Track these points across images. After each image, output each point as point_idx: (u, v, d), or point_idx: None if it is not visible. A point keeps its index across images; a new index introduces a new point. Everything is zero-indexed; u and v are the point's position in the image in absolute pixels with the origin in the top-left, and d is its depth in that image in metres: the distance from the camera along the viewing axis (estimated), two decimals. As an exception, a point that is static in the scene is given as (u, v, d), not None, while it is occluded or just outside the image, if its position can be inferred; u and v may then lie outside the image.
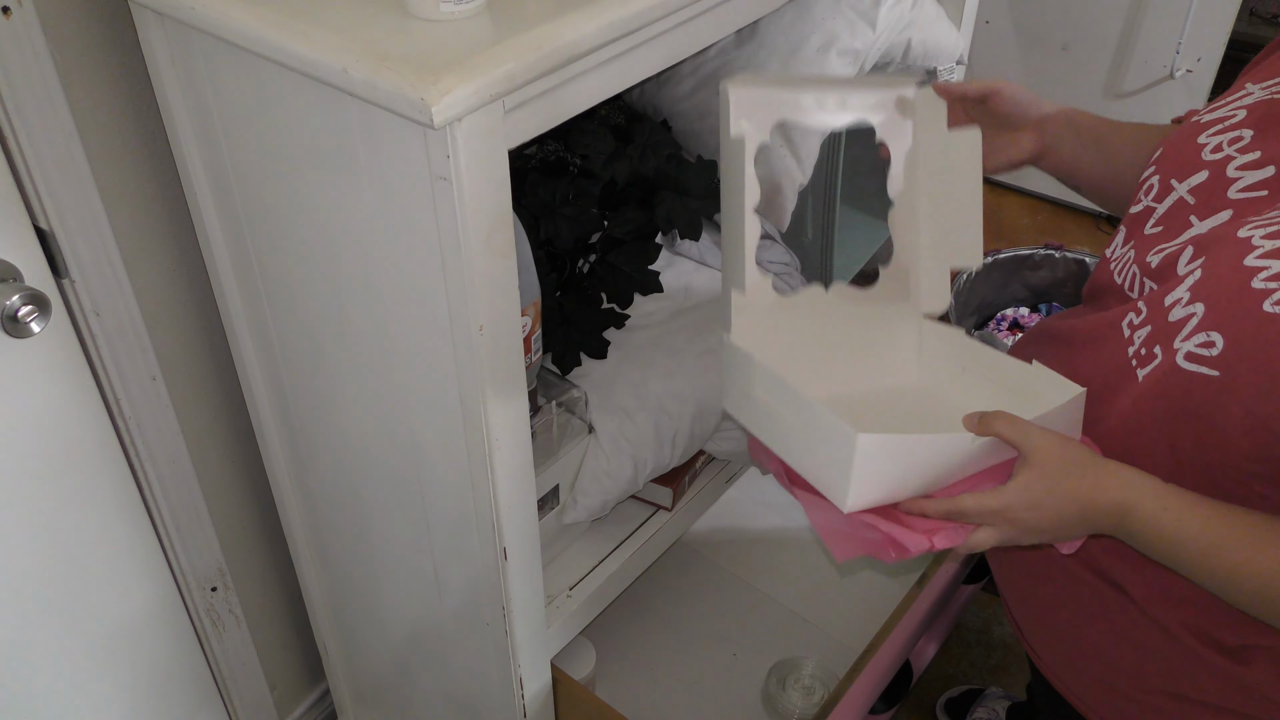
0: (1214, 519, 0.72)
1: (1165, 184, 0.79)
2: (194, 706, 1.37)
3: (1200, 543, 0.72)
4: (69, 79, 0.93)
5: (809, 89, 0.96)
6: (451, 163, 0.72)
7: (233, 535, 1.33)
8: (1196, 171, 0.77)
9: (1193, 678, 0.83)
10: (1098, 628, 0.88)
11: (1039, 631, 0.97)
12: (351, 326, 0.95)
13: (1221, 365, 0.69)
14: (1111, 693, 0.90)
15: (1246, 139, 0.75)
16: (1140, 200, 0.82)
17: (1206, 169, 0.76)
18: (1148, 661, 0.85)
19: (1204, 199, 0.76)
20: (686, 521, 1.31)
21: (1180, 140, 0.80)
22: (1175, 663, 0.83)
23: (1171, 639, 0.82)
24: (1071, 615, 0.90)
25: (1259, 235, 0.69)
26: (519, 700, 1.14)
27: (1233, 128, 0.76)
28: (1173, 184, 0.78)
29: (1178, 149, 0.80)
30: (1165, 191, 0.79)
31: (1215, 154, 0.76)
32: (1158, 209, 0.79)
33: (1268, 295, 0.66)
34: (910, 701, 1.73)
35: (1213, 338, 0.69)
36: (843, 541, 0.80)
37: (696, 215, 1.19)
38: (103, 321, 1.03)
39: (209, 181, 0.98)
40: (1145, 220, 0.81)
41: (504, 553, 0.98)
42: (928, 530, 0.77)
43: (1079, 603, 0.88)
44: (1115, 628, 0.86)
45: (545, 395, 1.11)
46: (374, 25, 0.74)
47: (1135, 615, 0.84)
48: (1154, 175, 0.81)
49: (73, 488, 1.08)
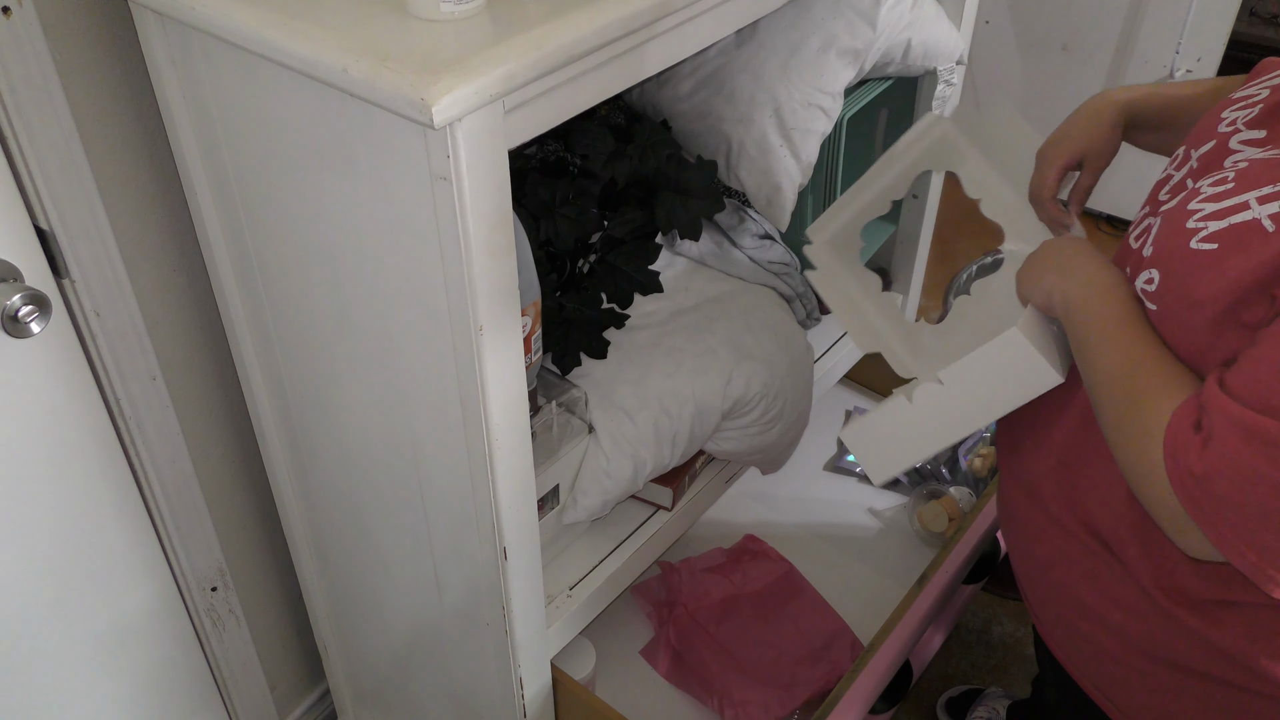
0: (1131, 335, 0.77)
1: (1186, 153, 0.83)
2: (194, 706, 1.37)
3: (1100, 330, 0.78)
4: (69, 79, 0.93)
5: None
6: (451, 163, 0.72)
7: (233, 535, 1.33)
8: (1208, 141, 0.80)
9: (1169, 641, 0.85)
10: (1088, 587, 0.90)
11: (1038, 593, 0.99)
12: (351, 326, 0.95)
13: (1157, 299, 0.75)
14: (1100, 655, 0.92)
15: (1255, 113, 0.77)
16: (1168, 169, 0.85)
17: (1215, 139, 0.79)
18: (1130, 622, 0.87)
19: (1203, 165, 0.79)
20: (686, 521, 1.31)
21: (1211, 113, 0.83)
22: (1154, 625, 0.85)
23: (1149, 600, 0.84)
24: (1065, 574, 0.92)
25: (1206, 184, 0.75)
26: (519, 700, 1.14)
27: (1253, 104, 0.79)
28: (1191, 153, 0.82)
29: (1205, 121, 0.83)
30: (1185, 160, 0.82)
31: (1229, 126, 0.79)
32: (1175, 176, 0.83)
33: (1194, 234, 0.72)
34: (910, 701, 1.73)
35: (1152, 274, 0.76)
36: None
37: (696, 215, 1.19)
38: (103, 321, 1.03)
39: (209, 181, 0.98)
40: (1163, 187, 0.84)
41: (504, 553, 0.98)
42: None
43: (1071, 561, 0.91)
44: (1102, 587, 0.88)
45: (545, 395, 1.11)
46: (374, 25, 0.74)
47: (1120, 574, 0.86)
48: (1183, 145, 0.84)
49: (73, 488, 1.08)
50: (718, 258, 1.31)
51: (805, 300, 1.36)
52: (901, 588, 1.58)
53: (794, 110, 1.20)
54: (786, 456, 1.37)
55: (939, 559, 1.46)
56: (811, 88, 1.20)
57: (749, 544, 1.66)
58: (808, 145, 1.23)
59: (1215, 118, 0.81)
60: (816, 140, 1.23)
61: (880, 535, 1.70)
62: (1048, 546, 0.93)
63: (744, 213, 1.31)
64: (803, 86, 1.20)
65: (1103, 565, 0.87)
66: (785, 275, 1.33)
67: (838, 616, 1.55)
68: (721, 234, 1.32)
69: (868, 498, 1.76)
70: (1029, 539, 0.96)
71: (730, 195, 1.32)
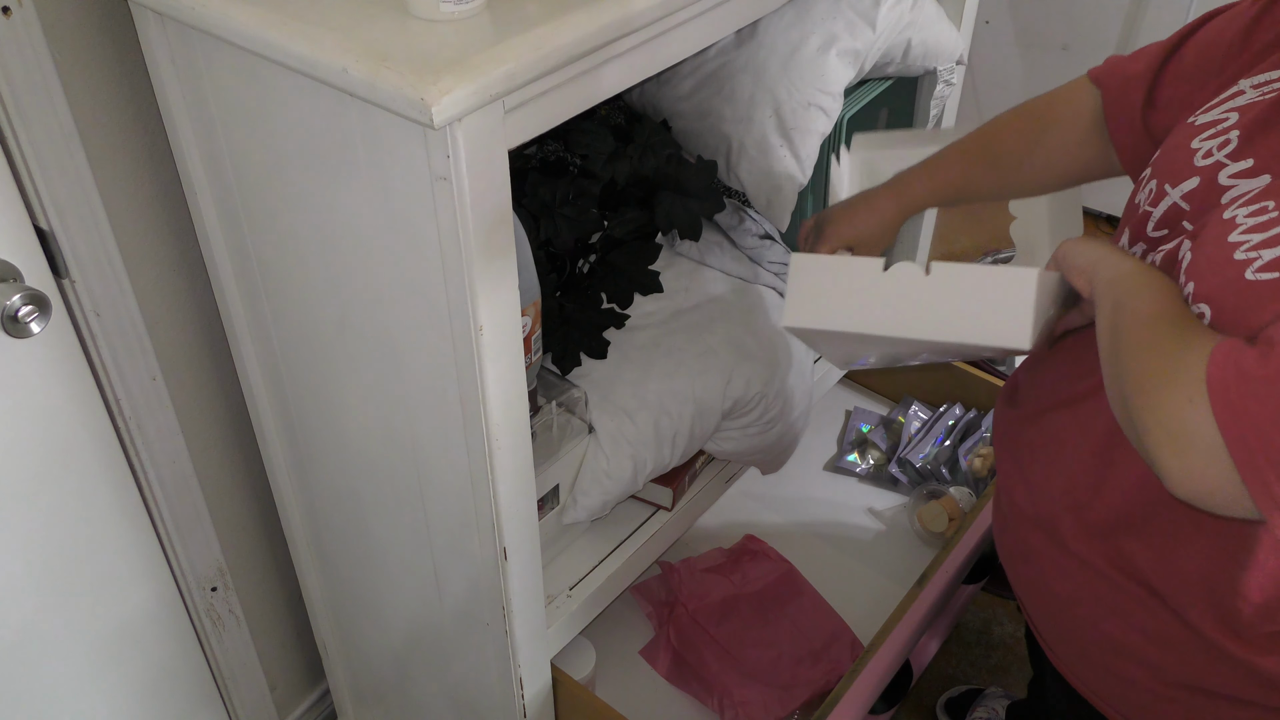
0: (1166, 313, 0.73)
1: (1160, 189, 0.80)
2: (194, 706, 1.37)
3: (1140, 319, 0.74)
4: (69, 79, 0.93)
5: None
6: (451, 163, 0.72)
7: (233, 535, 1.33)
8: (1189, 178, 0.77)
9: (1212, 670, 0.84)
10: (1117, 623, 0.88)
11: (1055, 629, 0.97)
12: (351, 326, 0.95)
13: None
14: (1129, 687, 0.90)
15: (1234, 143, 0.75)
16: (1139, 204, 0.83)
17: (1198, 175, 0.77)
18: (1167, 654, 0.86)
19: (1198, 205, 0.76)
20: (686, 521, 1.31)
21: (1175, 143, 0.81)
22: (1194, 656, 0.84)
23: (1193, 632, 0.83)
24: (1090, 611, 0.90)
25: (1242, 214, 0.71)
26: (519, 700, 1.14)
27: (1223, 132, 0.76)
28: (1166, 189, 0.79)
29: (1172, 153, 0.80)
30: (1160, 196, 0.80)
31: (1206, 159, 0.77)
32: (1154, 213, 0.80)
33: (1248, 265, 0.68)
34: (910, 701, 1.73)
35: (1202, 309, 0.71)
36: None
37: (696, 215, 1.19)
38: (103, 321, 1.03)
39: (209, 181, 0.98)
40: (1146, 223, 0.81)
41: (504, 553, 0.98)
42: None
43: (1097, 599, 0.89)
44: (1136, 624, 0.87)
45: (545, 395, 1.11)
46: (374, 25, 0.74)
47: (1157, 608, 0.84)
48: (1151, 179, 0.82)
49: (73, 488, 1.08)
50: (718, 258, 1.31)
51: (805, 300, 1.36)
52: (901, 588, 1.58)
53: (794, 110, 1.20)
54: (786, 456, 1.37)
55: (939, 559, 1.46)
56: (811, 88, 1.20)
57: (749, 544, 1.66)
58: (808, 145, 1.23)
59: (1184, 150, 0.79)
60: (816, 140, 1.23)
61: (880, 535, 1.70)
62: (1070, 584, 0.91)
63: (744, 213, 1.31)
64: (803, 86, 1.20)
65: (1133, 601, 0.86)
66: (785, 275, 1.33)
67: (838, 617, 1.55)
68: (721, 234, 1.32)
69: (868, 498, 1.76)
70: (1048, 577, 0.94)
71: (730, 195, 1.32)
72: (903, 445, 1.79)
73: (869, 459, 1.81)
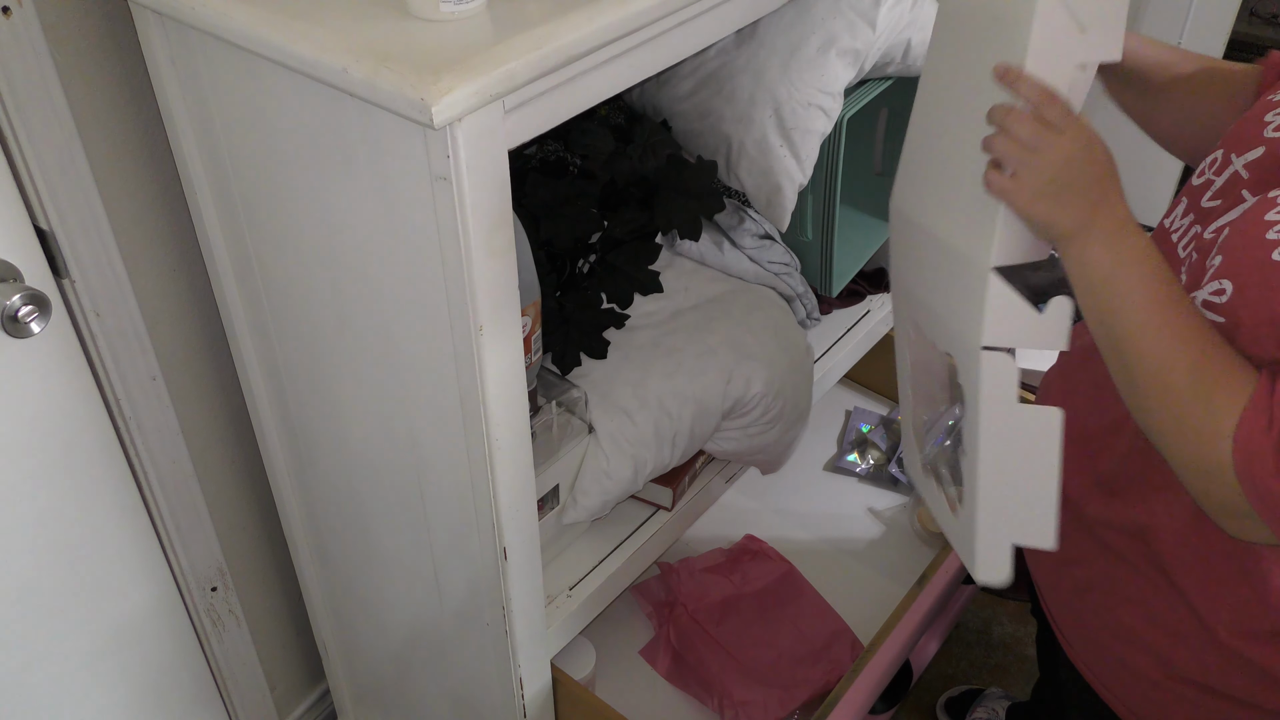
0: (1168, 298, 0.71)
1: (1226, 157, 0.80)
2: (194, 706, 1.37)
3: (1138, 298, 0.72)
4: (69, 79, 0.93)
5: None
6: (451, 163, 0.72)
7: (233, 535, 1.33)
8: (1254, 147, 0.77)
9: (1222, 671, 0.84)
10: (1130, 611, 0.88)
11: (1068, 616, 0.97)
12: (351, 327, 0.95)
13: (1227, 311, 0.71)
14: (1137, 679, 0.90)
15: None
16: (1204, 173, 0.82)
17: (1264, 145, 0.76)
18: (1178, 649, 0.85)
19: (1257, 175, 0.76)
20: (686, 521, 1.31)
21: (1250, 115, 0.80)
22: (1206, 653, 0.84)
23: (1208, 633, 0.83)
24: (1104, 597, 0.90)
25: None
26: (519, 700, 1.14)
27: None
28: (1232, 158, 0.79)
29: (1244, 124, 0.80)
30: (1225, 165, 0.79)
31: (1276, 132, 0.76)
32: (1216, 181, 0.80)
33: (1275, 245, 0.68)
34: (910, 701, 1.73)
35: (1224, 285, 0.71)
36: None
37: (696, 215, 1.19)
38: (103, 321, 1.03)
39: (209, 181, 0.98)
40: (1204, 192, 0.81)
41: (504, 553, 0.98)
42: None
43: (1112, 583, 0.89)
44: (1150, 611, 0.86)
45: (545, 395, 1.11)
46: (374, 25, 0.74)
47: (1175, 600, 0.84)
48: (1219, 149, 0.81)
49: (73, 488, 1.08)
50: (718, 258, 1.31)
51: (805, 300, 1.36)
52: (901, 588, 1.58)
53: (794, 110, 1.20)
54: (786, 456, 1.37)
55: (939, 559, 1.46)
56: (811, 88, 1.20)
57: (749, 544, 1.66)
58: (808, 145, 1.23)
59: (1257, 121, 0.78)
60: (816, 140, 1.23)
61: (880, 535, 1.70)
62: (1089, 569, 0.91)
63: (744, 213, 1.31)
64: (803, 86, 1.20)
65: (1152, 591, 0.86)
66: (785, 275, 1.33)
67: (838, 617, 1.55)
68: (721, 234, 1.32)
69: (868, 498, 1.76)
70: (1067, 560, 0.94)
71: (730, 195, 1.32)
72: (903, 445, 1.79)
73: (869, 459, 1.81)
